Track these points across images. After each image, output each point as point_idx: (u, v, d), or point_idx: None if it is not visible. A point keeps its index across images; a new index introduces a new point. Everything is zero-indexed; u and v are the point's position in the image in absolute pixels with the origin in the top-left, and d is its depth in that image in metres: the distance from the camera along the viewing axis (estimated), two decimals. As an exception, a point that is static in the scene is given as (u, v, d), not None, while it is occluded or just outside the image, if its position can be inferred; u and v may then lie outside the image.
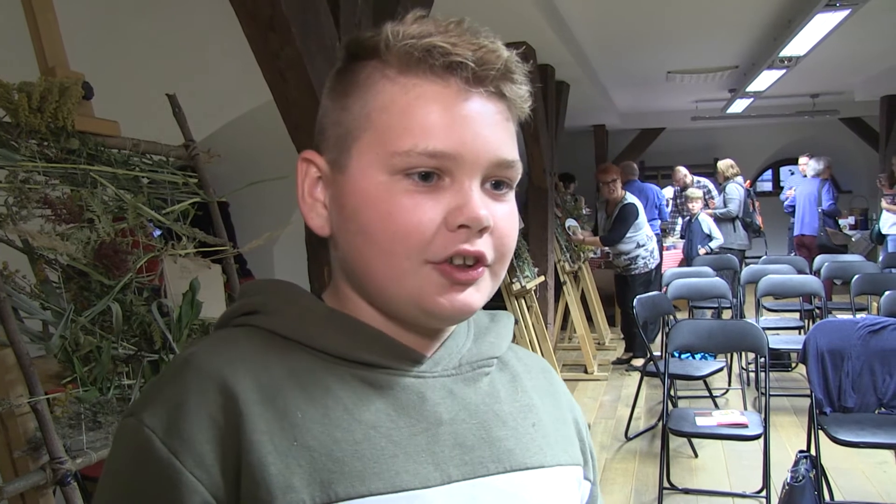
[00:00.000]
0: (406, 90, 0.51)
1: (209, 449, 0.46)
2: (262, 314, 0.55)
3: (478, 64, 0.50)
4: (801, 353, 2.72)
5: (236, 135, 2.97)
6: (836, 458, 2.97)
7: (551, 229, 4.61)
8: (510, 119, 0.54)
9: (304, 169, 0.56)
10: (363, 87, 0.53)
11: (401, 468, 0.49)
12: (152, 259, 1.25)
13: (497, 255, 0.53)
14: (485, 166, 0.51)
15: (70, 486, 0.98)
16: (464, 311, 0.52)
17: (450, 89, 0.50)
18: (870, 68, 6.01)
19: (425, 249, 0.50)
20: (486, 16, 3.30)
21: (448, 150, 0.50)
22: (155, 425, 0.47)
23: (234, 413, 0.47)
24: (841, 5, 3.36)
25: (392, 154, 0.50)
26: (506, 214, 0.53)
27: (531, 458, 0.56)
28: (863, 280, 4.14)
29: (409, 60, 0.51)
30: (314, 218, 0.56)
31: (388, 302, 0.53)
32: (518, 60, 0.53)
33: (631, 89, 6.67)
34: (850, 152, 8.99)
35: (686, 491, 2.96)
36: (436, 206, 0.50)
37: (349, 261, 0.54)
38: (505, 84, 0.52)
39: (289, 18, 1.33)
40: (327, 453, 0.48)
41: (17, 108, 1.11)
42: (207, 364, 0.50)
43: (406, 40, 0.50)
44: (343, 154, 0.53)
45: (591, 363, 4.84)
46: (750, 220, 6.01)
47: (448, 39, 0.50)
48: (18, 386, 1.00)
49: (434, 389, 0.54)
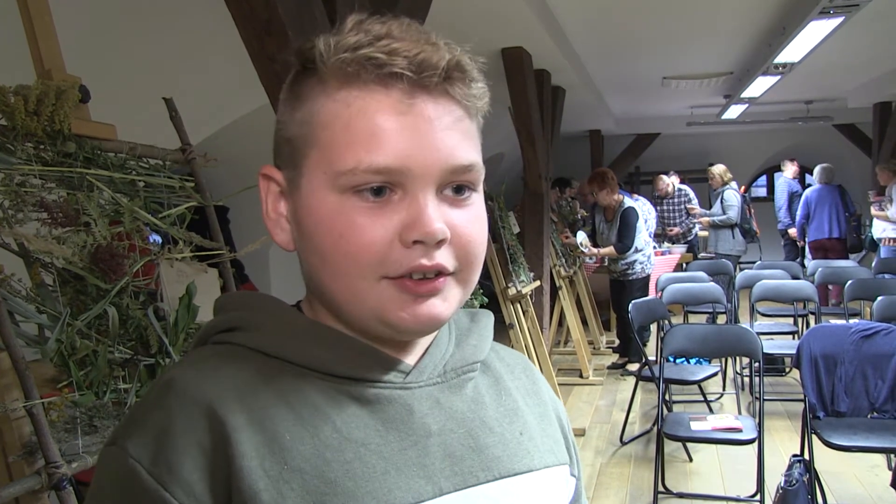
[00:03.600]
0: (347, 104, 0.49)
1: (198, 478, 0.45)
2: (243, 331, 0.53)
3: (417, 70, 0.48)
4: (795, 358, 2.74)
5: (233, 139, 2.97)
6: (829, 462, 2.98)
7: (547, 234, 4.62)
8: (466, 118, 0.51)
9: (266, 185, 0.55)
10: (307, 101, 0.51)
11: (393, 484, 0.49)
12: (149, 263, 1.25)
13: (461, 263, 0.51)
14: (437, 175, 0.49)
15: (66, 490, 0.98)
16: (429, 323, 0.51)
17: (391, 98, 0.48)
18: (863, 75, 6.06)
19: (380, 267, 0.49)
20: (482, 21, 3.31)
21: (394, 164, 0.47)
22: (140, 455, 0.45)
23: (221, 439, 0.46)
24: (835, 13, 3.38)
25: (338, 174, 0.48)
26: (468, 220, 0.51)
27: (519, 464, 0.55)
28: (856, 285, 4.16)
29: (345, 74, 0.49)
30: (279, 233, 0.55)
31: (351, 319, 0.52)
32: (467, 58, 0.50)
33: (626, 94, 6.69)
34: (844, 159, 9.04)
35: (681, 495, 2.97)
36: (388, 223, 0.48)
37: (311, 278, 0.54)
38: (452, 85, 0.49)
39: (285, 22, 1.33)
40: (319, 475, 0.47)
41: (14, 112, 1.11)
42: (192, 388, 0.48)
43: (340, 54, 0.48)
44: (295, 172, 0.52)
45: (586, 367, 4.84)
46: (748, 226, 6.05)
47: (384, 48, 0.48)
48: (14, 390, 0.99)
49: (421, 400, 0.53)
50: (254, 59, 1.42)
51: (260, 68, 1.42)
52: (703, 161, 9.05)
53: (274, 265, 3.99)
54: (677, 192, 6.64)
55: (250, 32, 1.37)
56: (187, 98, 1.66)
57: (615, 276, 4.98)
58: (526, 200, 4.54)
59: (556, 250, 4.99)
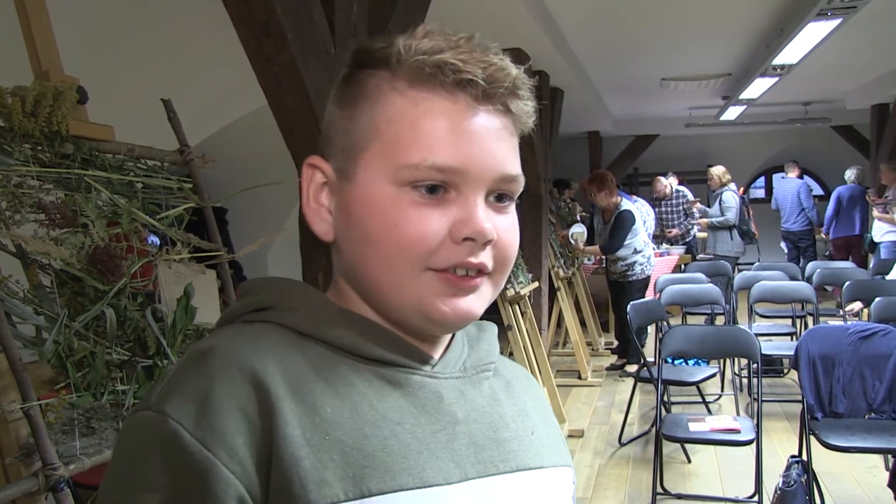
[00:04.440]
0: (415, 104, 0.52)
1: (241, 442, 0.45)
2: (275, 310, 0.54)
3: (487, 82, 0.51)
4: (793, 359, 2.74)
5: (231, 140, 2.97)
6: (827, 462, 2.98)
7: (545, 235, 4.62)
8: (514, 134, 0.55)
9: (310, 174, 0.57)
10: (372, 97, 0.53)
11: (426, 464, 0.51)
12: (147, 264, 1.25)
13: (497, 265, 0.54)
14: (490, 181, 0.52)
15: (63, 492, 0.98)
16: (466, 318, 0.53)
17: (458, 105, 0.51)
18: (861, 77, 6.07)
19: (428, 259, 0.51)
20: (481, 22, 3.32)
21: (455, 164, 0.51)
22: (182, 417, 0.45)
23: (265, 405, 0.47)
24: (832, 14, 3.39)
25: (400, 167, 0.51)
26: (508, 227, 0.54)
27: (532, 459, 0.58)
28: (854, 287, 4.17)
29: (419, 75, 0.52)
30: (318, 223, 0.56)
31: (391, 309, 0.54)
32: (525, 77, 0.54)
33: (625, 96, 6.70)
34: (842, 160, 9.05)
35: (679, 496, 2.97)
36: (441, 219, 0.51)
37: (353, 267, 0.55)
38: (512, 101, 0.53)
39: (284, 24, 1.33)
40: (358, 448, 0.48)
41: (11, 113, 1.11)
42: (235, 355, 0.48)
43: (418, 55, 0.51)
44: (350, 163, 0.54)
45: (584, 369, 4.84)
46: (746, 227, 6.07)
47: (458, 56, 0.51)
48: (11, 391, 0.99)
49: (448, 389, 0.55)
50: (252, 61, 1.42)
51: (258, 69, 1.42)
52: (701, 162, 9.06)
53: (272, 266, 3.99)
54: (675, 194, 6.65)
55: (248, 34, 1.37)
56: (185, 99, 1.66)
57: (615, 278, 4.98)
58: (525, 202, 4.55)
59: (554, 251, 5.00)
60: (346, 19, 1.55)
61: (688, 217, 6.60)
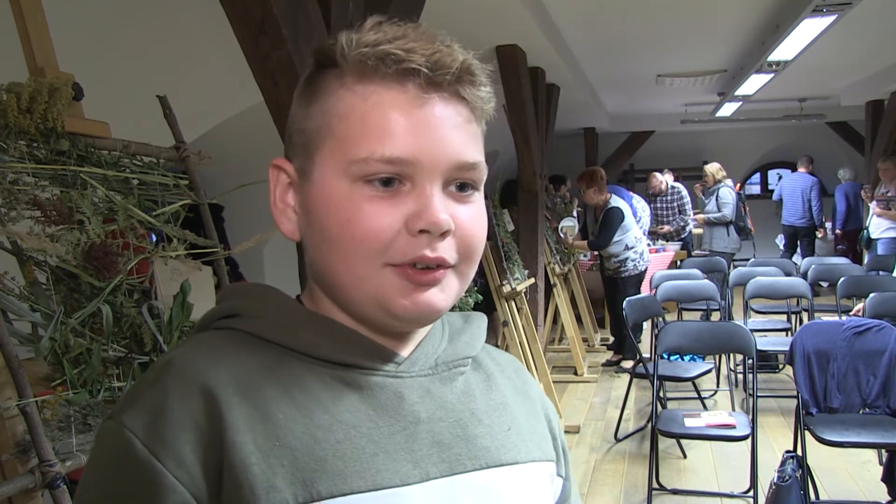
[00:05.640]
0: (364, 98, 0.51)
1: (189, 450, 0.47)
2: (241, 317, 0.56)
3: (432, 69, 0.51)
4: (788, 355, 2.75)
5: (228, 136, 2.96)
6: (821, 457, 3.00)
7: (541, 232, 4.62)
8: (473, 121, 0.54)
9: (276, 175, 0.57)
10: (324, 95, 0.53)
11: (381, 466, 0.50)
12: (143, 261, 1.25)
13: (462, 256, 0.53)
14: (445, 170, 0.52)
15: (59, 489, 0.98)
16: (428, 312, 0.53)
17: (406, 95, 0.51)
18: (856, 73, 6.08)
19: (385, 253, 0.51)
20: (476, 19, 3.31)
21: (406, 155, 0.50)
22: (135, 427, 0.48)
23: (215, 415, 0.48)
24: (828, 11, 3.39)
25: (351, 161, 0.51)
26: (470, 216, 0.54)
27: (506, 455, 0.57)
28: (849, 282, 4.18)
29: (364, 69, 0.51)
30: (285, 223, 0.57)
31: (353, 305, 0.54)
32: (477, 63, 0.53)
33: (621, 92, 6.70)
34: (837, 156, 9.08)
35: (675, 491, 2.98)
36: (395, 212, 0.51)
37: (316, 265, 0.56)
38: (463, 86, 0.52)
39: (280, 21, 1.33)
40: (309, 453, 0.49)
41: (6, 109, 1.10)
42: (189, 368, 0.50)
43: (360, 48, 0.51)
44: (308, 162, 0.54)
45: (580, 365, 4.86)
46: (743, 223, 6.08)
47: (402, 46, 0.51)
48: (7, 388, 0.99)
49: (412, 389, 0.55)
50: (248, 58, 1.41)
51: (254, 67, 1.42)
52: (697, 159, 9.08)
53: (268, 263, 3.98)
54: (671, 190, 6.66)
55: (245, 31, 1.37)
56: (181, 96, 1.66)
57: (609, 274, 4.99)
58: (520, 198, 4.55)
59: (550, 248, 5.00)
60: (342, 16, 1.55)
61: (682, 213, 6.61)
